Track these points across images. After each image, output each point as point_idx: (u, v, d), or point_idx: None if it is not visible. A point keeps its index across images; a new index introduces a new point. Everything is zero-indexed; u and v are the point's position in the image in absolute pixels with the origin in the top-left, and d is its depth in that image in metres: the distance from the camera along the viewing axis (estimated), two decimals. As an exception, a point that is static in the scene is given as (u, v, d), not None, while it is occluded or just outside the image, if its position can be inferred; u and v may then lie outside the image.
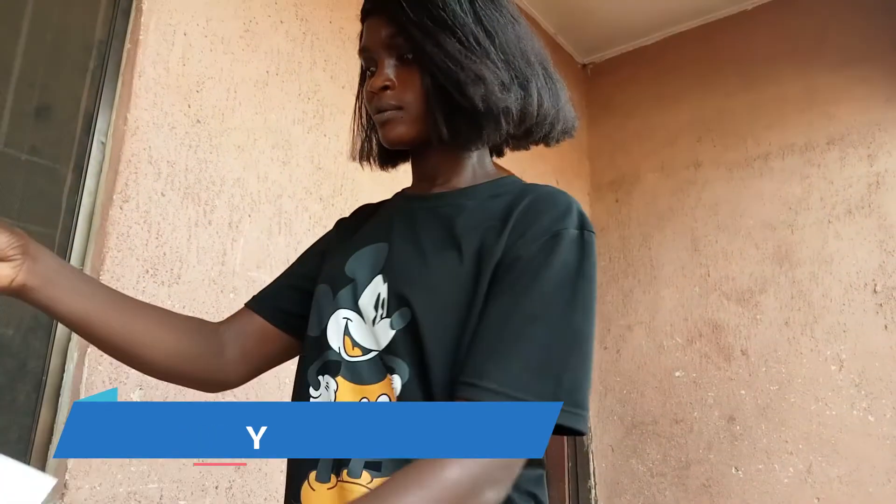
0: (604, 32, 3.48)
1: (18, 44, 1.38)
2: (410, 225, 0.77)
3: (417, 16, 0.73)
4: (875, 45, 2.81)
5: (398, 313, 0.69)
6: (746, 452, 2.70)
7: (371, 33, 0.77)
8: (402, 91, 0.75)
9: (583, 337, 0.64)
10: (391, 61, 0.76)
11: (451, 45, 0.72)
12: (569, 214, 0.71)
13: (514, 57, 0.76)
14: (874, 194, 2.68)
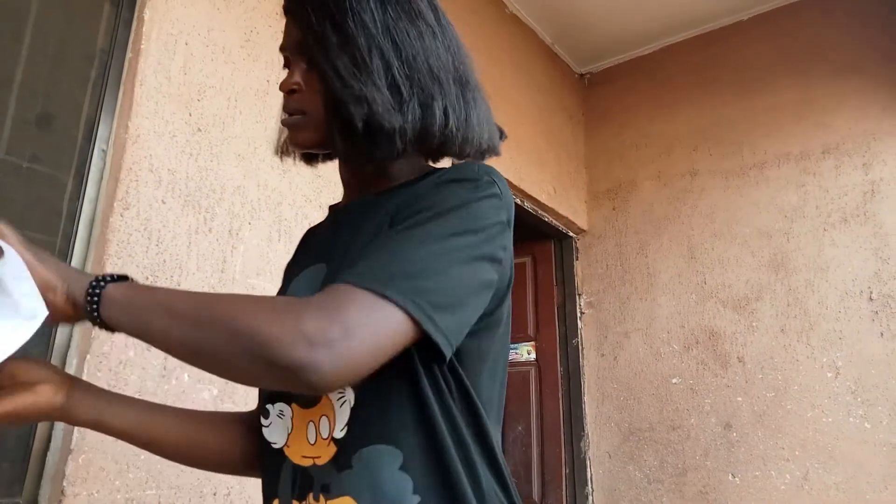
0: (601, 43, 3.51)
1: (21, 53, 1.40)
2: (338, 238, 0.75)
3: (320, 24, 0.70)
4: (869, 56, 2.84)
5: None
6: (743, 459, 2.71)
7: (286, 33, 0.77)
8: (309, 96, 0.73)
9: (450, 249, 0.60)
10: (302, 65, 0.74)
11: (342, 60, 0.68)
12: (464, 168, 0.67)
13: (420, 73, 0.71)
14: (869, 202, 2.70)
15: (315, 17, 0.70)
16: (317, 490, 0.65)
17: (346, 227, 0.75)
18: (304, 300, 0.55)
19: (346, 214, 0.79)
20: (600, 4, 3.20)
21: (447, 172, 0.68)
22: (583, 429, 3.16)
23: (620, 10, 3.25)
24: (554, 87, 3.48)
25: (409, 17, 0.72)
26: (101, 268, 1.38)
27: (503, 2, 3.15)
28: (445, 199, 0.63)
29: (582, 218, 3.47)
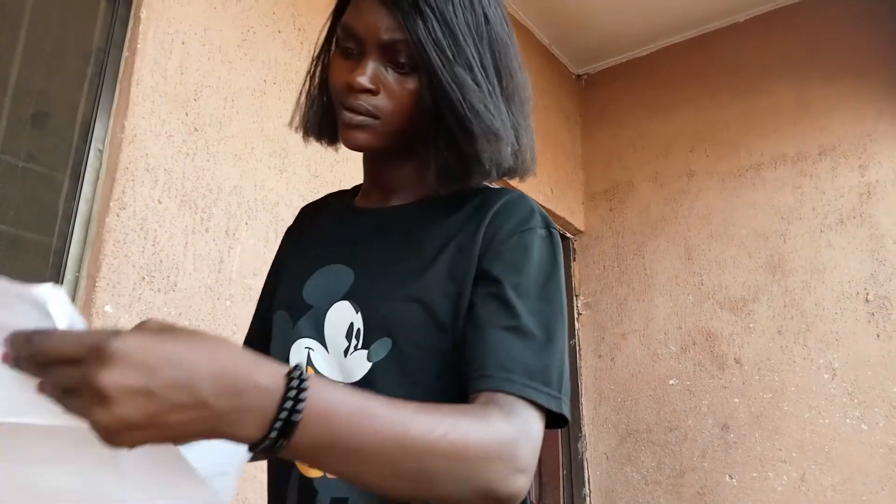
0: (598, 44, 3.51)
1: (16, 51, 1.39)
2: (374, 243, 0.73)
3: (434, 32, 0.64)
4: (865, 57, 2.84)
5: (377, 343, 0.65)
6: (740, 460, 2.71)
7: (367, 20, 0.66)
8: (385, 100, 0.67)
9: (563, 332, 0.65)
10: (381, 61, 0.67)
11: (469, 83, 0.65)
12: (532, 216, 0.69)
13: (516, 104, 0.72)
14: (865, 204, 2.70)
15: (425, 22, 0.63)
16: (324, 502, 0.64)
17: (384, 235, 0.73)
18: (508, 430, 0.55)
19: (380, 219, 0.76)
20: (597, 6, 3.21)
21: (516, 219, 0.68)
22: (580, 430, 3.16)
23: (617, 12, 3.25)
24: (551, 88, 3.48)
25: (510, 44, 0.72)
26: (97, 268, 1.37)
27: (500, 3, 3.15)
28: (542, 270, 0.65)
29: (579, 219, 3.47)
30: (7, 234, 1.32)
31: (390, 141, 0.69)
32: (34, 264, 1.35)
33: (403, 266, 0.68)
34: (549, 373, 0.61)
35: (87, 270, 1.39)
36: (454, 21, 0.65)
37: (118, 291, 1.39)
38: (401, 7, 0.64)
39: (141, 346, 0.38)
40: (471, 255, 0.66)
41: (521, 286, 0.64)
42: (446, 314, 0.65)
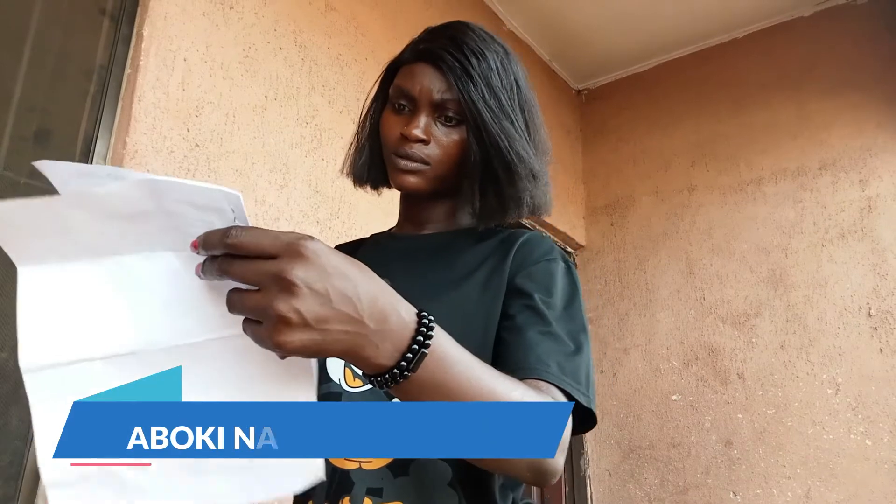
0: (598, 59, 3.54)
1: (20, 69, 1.40)
2: (410, 263, 0.83)
3: (481, 92, 0.77)
4: (864, 72, 2.86)
5: None
6: (744, 477, 2.69)
7: (422, 81, 0.79)
8: (435, 149, 0.79)
9: (588, 346, 0.73)
10: (431, 116, 0.79)
11: (514, 135, 0.78)
12: (553, 249, 0.81)
13: (542, 153, 0.84)
14: (867, 218, 2.70)
15: (474, 85, 0.77)
16: (359, 493, 0.69)
17: (417, 255, 0.84)
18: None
19: (413, 241, 0.88)
20: (597, 22, 3.23)
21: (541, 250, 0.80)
22: (582, 446, 3.13)
23: (617, 28, 3.27)
24: (551, 103, 3.49)
25: (533, 102, 0.86)
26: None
27: (500, 19, 3.18)
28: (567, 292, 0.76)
29: (580, 233, 3.47)
30: (8, 250, 1.32)
31: (436, 185, 0.81)
32: (34, 280, 1.35)
33: (439, 277, 0.80)
34: (579, 374, 0.68)
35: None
36: (496, 85, 0.79)
37: (118, 308, 1.38)
38: (453, 72, 0.77)
39: (327, 254, 0.44)
40: (502, 275, 0.77)
41: (550, 303, 0.73)
42: (478, 319, 0.74)
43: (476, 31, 0.82)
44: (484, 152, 0.78)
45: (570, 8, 3.13)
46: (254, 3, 1.85)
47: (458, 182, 0.82)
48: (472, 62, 0.78)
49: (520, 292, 0.74)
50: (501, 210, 0.82)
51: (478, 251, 0.81)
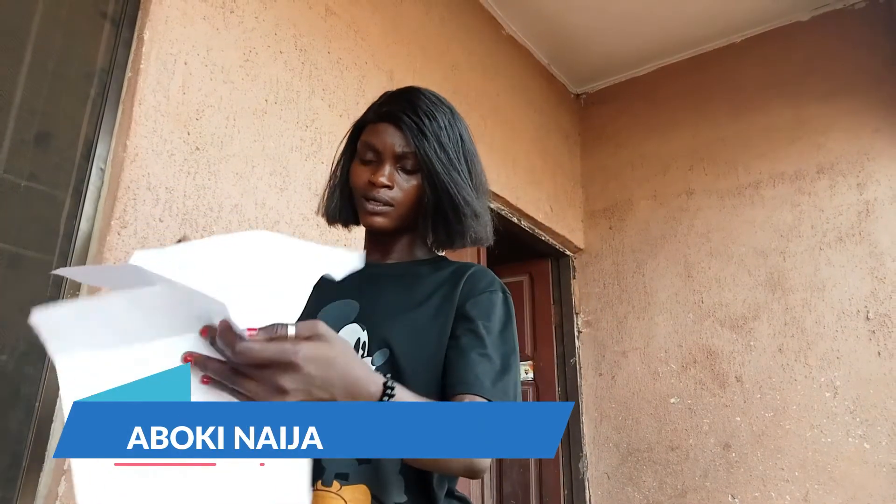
0: (596, 63, 3.55)
1: (21, 72, 1.40)
2: (376, 286, 0.98)
3: (433, 148, 0.93)
4: (861, 77, 2.87)
5: (379, 352, 0.89)
6: (742, 480, 2.69)
7: (385, 138, 0.95)
8: (397, 193, 0.95)
9: (517, 368, 0.91)
10: (394, 166, 0.95)
11: (460, 182, 0.95)
12: (495, 281, 0.97)
13: (482, 193, 1.00)
14: (864, 222, 2.71)
15: (427, 142, 0.93)
16: (329, 477, 0.83)
17: (381, 280, 0.99)
18: None
19: (378, 269, 1.02)
20: (595, 26, 3.24)
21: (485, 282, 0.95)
22: (581, 449, 3.13)
23: (615, 32, 3.29)
24: (550, 107, 3.50)
25: (473, 150, 1.00)
26: (97, 286, 1.37)
27: (499, 24, 3.19)
28: (502, 320, 0.92)
29: (579, 237, 3.48)
30: (8, 252, 1.32)
31: (398, 223, 0.97)
32: (35, 282, 1.36)
33: (400, 301, 0.95)
34: (508, 389, 0.85)
35: (88, 289, 1.39)
36: (445, 140, 0.95)
37: (118, 310, 1.39)
38: (410, 131, 0.94)
39: (314, 360, 0.58)
40: (452, 302, 0.92)
41: (489, 328, 0.89)
42: (430, 337, 0.89)
43: (427, 96, 0.99)
44: (436, 196, 0.94)
45: (568, 12, 3.14)
46: (254, 8, 1.86)
47: (414, 220, 0.98)
48: (424, 122, 0.94)
49: (465, 318, 0.90)
50: (449, 242, 1.00)
51: (433, 280, 0.97)
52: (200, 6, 1.70)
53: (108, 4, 1.58)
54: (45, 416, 1.32)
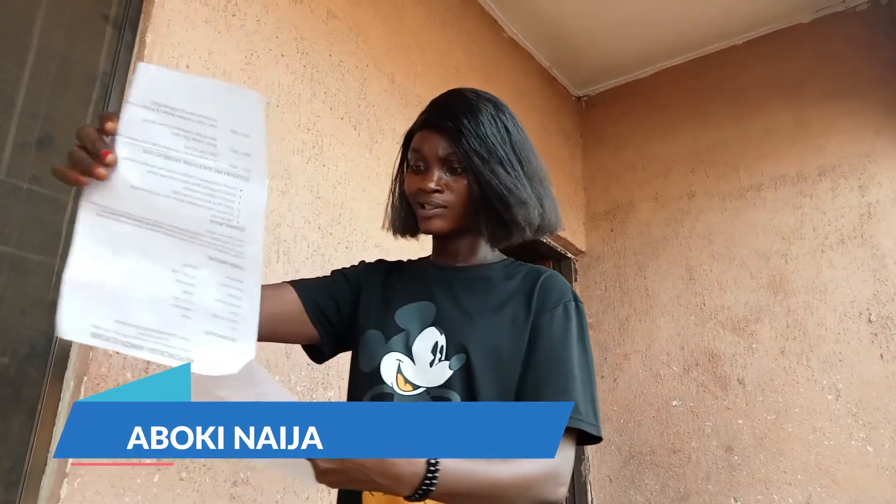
0: (597, 66, 3.55)
1: (23, 75, 1.41)
2: (450, 290, 1.01)
3: (473, 145, 0.95)
4: (862, 78, 2.87)
5: (456, 357, 0.92)
6: (745, 483, 2.68)
7: (429, 144, 0.99)
8: (449, 195, 0.98)
9: (594, 376, 0.94)
10: (441, 170, 0.98)
11: (502, 173, 0.96)
12: (567, 290, 0.99)
13: (537, 181, 1.01)
14: (866, 224, 2.71)
15: (468, 141, 0.95)
16: None
17: (455, 284, 1.02)
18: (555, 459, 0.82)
19: (452, 272, 1.06)
20: (597, 29, 3.25)
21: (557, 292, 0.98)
22: (583, 452, 3.13)
23: (617, 35, 3.29)
24: (551, 110, 3.51)
25: (523, 140, 1.02)
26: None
27: (501, 26, 3.19)
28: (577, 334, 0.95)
29: (580, 239, 3.48)
30: (11, 255, 1.32)
31: (455, 222, 1.00)
32: (37, 285, 1.36)
33: (476, 306, 0.98)
34: (588, 406, 0.88)
35: (90, 292, 1.39)
36: (485, 134, 0.97)
37: (120, 312, 1.39)
38: (450, 133, 0.97)
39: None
40: (528, 311, 0.95)
41: (565, 342, 0.91)
42: (506, 347, 0.92)
43: (467, 95, 1.03)
44: (481, 190, 0.97)
45: (569, 15, 3.14)
46: (256, 11, 1.86)
47: (471, 219, 1.00)
48: (463, 122, 0.97)
49: (542, 334, 0.93)
50: (506, 234, 1.00)
51: (507, 287, 1.00)
52: (202, 10, 1.71)
53: (110, 8, 1.58)
54: (46, 418, 1.32)
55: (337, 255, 1.96)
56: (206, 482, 1.48)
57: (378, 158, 2.21)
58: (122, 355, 1.37)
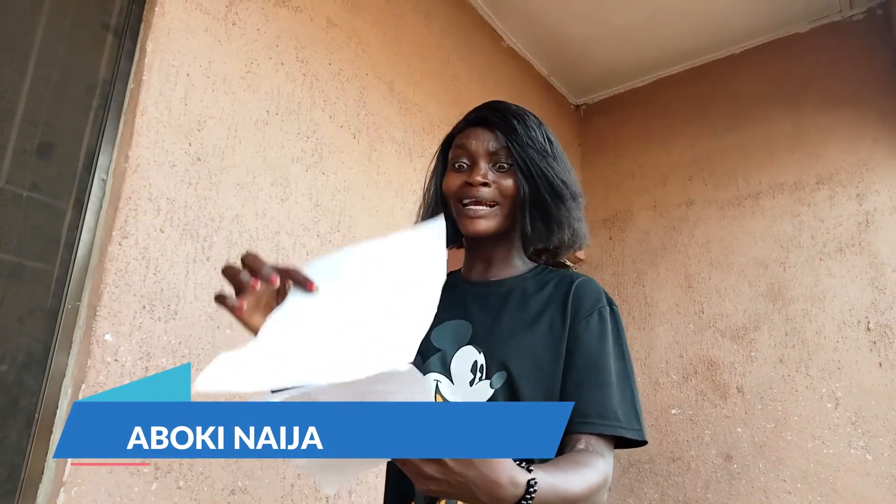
0: (596, 75, 3.57)
1: (24, 83, 1.41)
2: (486, 306, 0.98)
3: (523, 138, 0.95)
4: (859, 88, 2.88)
5: (497, 375, 0.90)
6: (745, 492, 2.67)
7: (477, 140, 0.97)
8: (496, 191, 0.95)
9: (634, 378, 0.92)
10: (488, 166, 0.96)
11: (557, 167, 0.96)
12: (601, 296, 0.96)
13: (573, 192, 0.99)
14: (864, 232, 2.71)
15: (519, 137, 0.95)
16: (420, 499, 0.87)
17: (490, 300, 0.99)
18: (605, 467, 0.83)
19: (485, 287, 1.02)
20: (595, 37, 3.26)
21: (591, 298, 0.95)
22: (582, 461, 3.12)
23: (615, 43, 3.31)
24: (550, 118, 3.52)
25: (563, 155, 1.01)
26: (98, 297, 1.37)
27: (500, 35, 3.21)
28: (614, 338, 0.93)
29: (579, 248, 3.48)
30: (10, 262, 1.32)
31: (500, 223, 0.97)
32: (36, 292, 1.36)
33: (512, 321, 0.94)
34: (629, 412, 0.87)
35: (88, 299, 1.39)
36: (535, 136, 0.97)
37: (119, 320, 1.39)
38: (500, 128, 0.96)
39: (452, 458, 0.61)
40: (564, 319, 0.93)
41: (601, 349, 0.90)
42: (546, 358, 0.90)
43: (510, 104, 1.02)
44: (532, 185, 0.95)
45: (568, 24, 3.16)
46: (256, 20, 1.87)
47: (514, 219, 0.98)
48: (513, 120, 0.96)
49: (580, 342, 0.91)
50: (548, 234, 0.97)
51: (541, 297, 0.97)
52: (203, 18, 1.72)
53: (110, 16, 1.59)
54: (44, 426, 1.31)
55: (336, 262, 1.96)
56: (203, 490, 1.47)
57: (377, 166, 2.21)
58: (121, 363, 1.37)
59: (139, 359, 1.41)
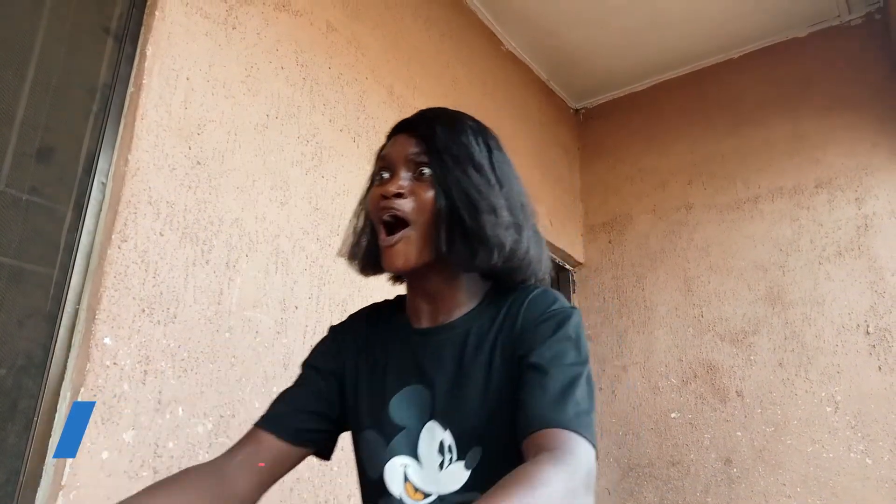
0: (595, 79, 3.57)
1: (23, 87, 1.42)
2: (440, 362, 0.85)
3: (445, 144, 0.84)
4: (858, 92, 2.89)
5: (470, 453, 0.79)
6: (744, 496, 2.67)
7: (396, 146, 0.88)
8: (412, 203, 0.83)
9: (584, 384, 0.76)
10: (407, 174, 0.85)
11: (475, 175, 0.83)
12: (556, 301, 0.85)
13: (515, 205, 0.87)
14: (863, 236, 2.72)
15: (441, 139, 0.85)
16: None
17: (443, 353, 0.86)
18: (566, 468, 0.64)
19: (435, 335, 0.89)
20: (595, 42, 3.27)
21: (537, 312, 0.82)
22: (581, 464, 3.11)
23: (614, 48, 3.31)
24: (549, 122, 3.52)
25: (504, 159, 0.90)
26: (97, 300, 1.37)
27: (499, 39, 3.21)
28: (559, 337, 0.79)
29: (578, 251, 3.48)
30: (9, 266, 1.32)
31: (420, 250, 0.83)
32: (35, 296, 1.36)
33: (472, 380, 0.82)
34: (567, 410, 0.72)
35: (88, 302, 1.39)
36: (459, 141, 0.85)
37: (118, 323, 1.39)
38: (420, 131, 0.87)
39: None
40: (513, 347, 0.81)
41: (541, 355, 0.77)
42: (511, 401, 0.77)
43: (446, 110, 0.93)
44: (447, 194, 0.83)
45: (567, 28, 3.17)
46: (256, 24, 1.88)
47: (437, 237, 0.83)
48: (437, 125, 0.87)
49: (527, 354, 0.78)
50: (469, 251, 0.82)
51: (493, 330, 0.84)
52: (203, 22, 1.72)
53: (110, 20, 1.59)
54: (42, 430, 1.31)
55: (335, 266, 1.96)
56: (202, 494, 1.47)
57: (377, 170, 2.21)
58: (120, 366, 1.37)
59: (138, 362, 1.41)
